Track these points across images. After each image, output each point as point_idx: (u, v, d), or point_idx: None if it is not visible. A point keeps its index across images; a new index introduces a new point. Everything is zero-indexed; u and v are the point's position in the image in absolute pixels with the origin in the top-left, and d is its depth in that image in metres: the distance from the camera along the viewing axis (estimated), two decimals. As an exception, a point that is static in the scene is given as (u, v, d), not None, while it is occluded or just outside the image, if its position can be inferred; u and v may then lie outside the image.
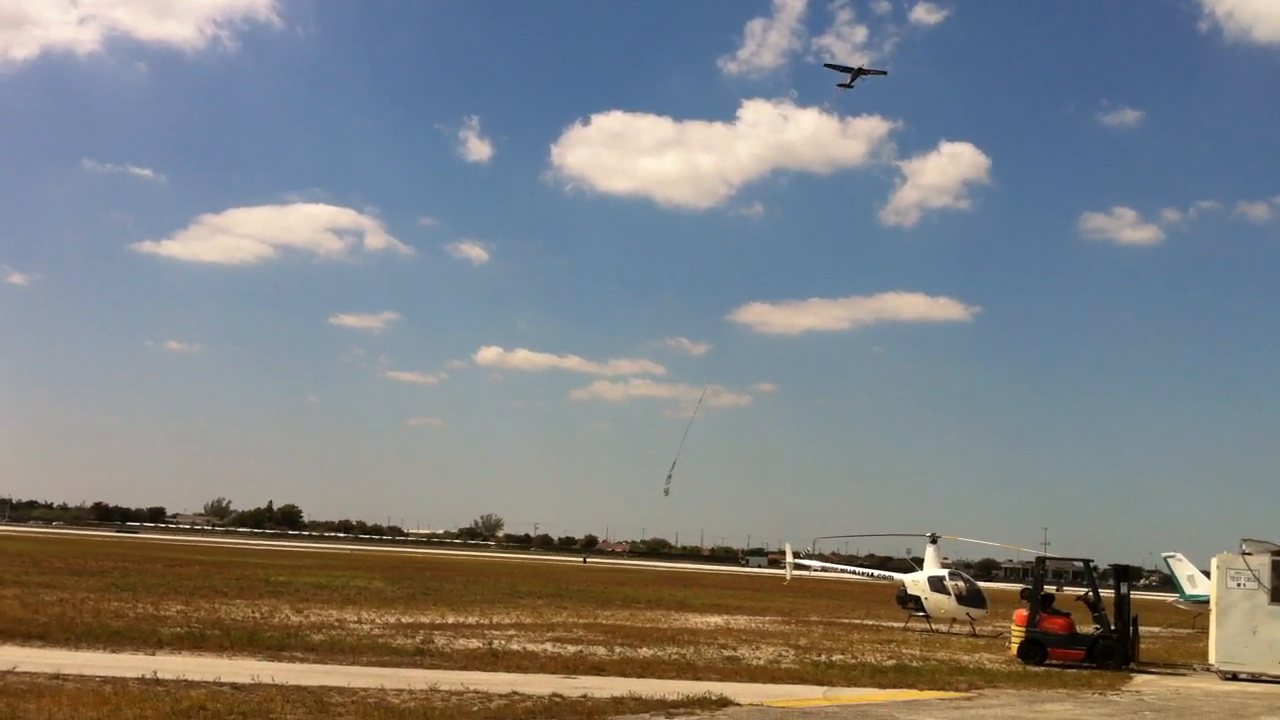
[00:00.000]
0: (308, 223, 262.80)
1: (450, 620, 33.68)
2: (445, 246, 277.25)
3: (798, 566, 54.43)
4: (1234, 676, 27.52)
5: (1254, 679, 27.29)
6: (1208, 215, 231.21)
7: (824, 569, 56.66)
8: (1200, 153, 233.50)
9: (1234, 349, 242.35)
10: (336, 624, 29.65)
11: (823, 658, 27.72)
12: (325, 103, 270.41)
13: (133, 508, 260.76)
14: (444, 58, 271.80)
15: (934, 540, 43.96)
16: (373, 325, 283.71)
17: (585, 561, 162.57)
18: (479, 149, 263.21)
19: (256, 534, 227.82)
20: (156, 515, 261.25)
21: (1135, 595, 33.66)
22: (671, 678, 20.50)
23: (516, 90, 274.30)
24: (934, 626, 42.81)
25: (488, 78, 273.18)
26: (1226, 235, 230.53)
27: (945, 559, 45.01)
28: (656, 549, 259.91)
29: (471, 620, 34.19)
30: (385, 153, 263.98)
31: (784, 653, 28.69)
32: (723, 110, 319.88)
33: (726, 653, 27.39)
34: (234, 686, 15.74)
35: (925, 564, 43.49)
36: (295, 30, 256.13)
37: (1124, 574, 31.28)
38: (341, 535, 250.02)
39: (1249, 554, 27.83)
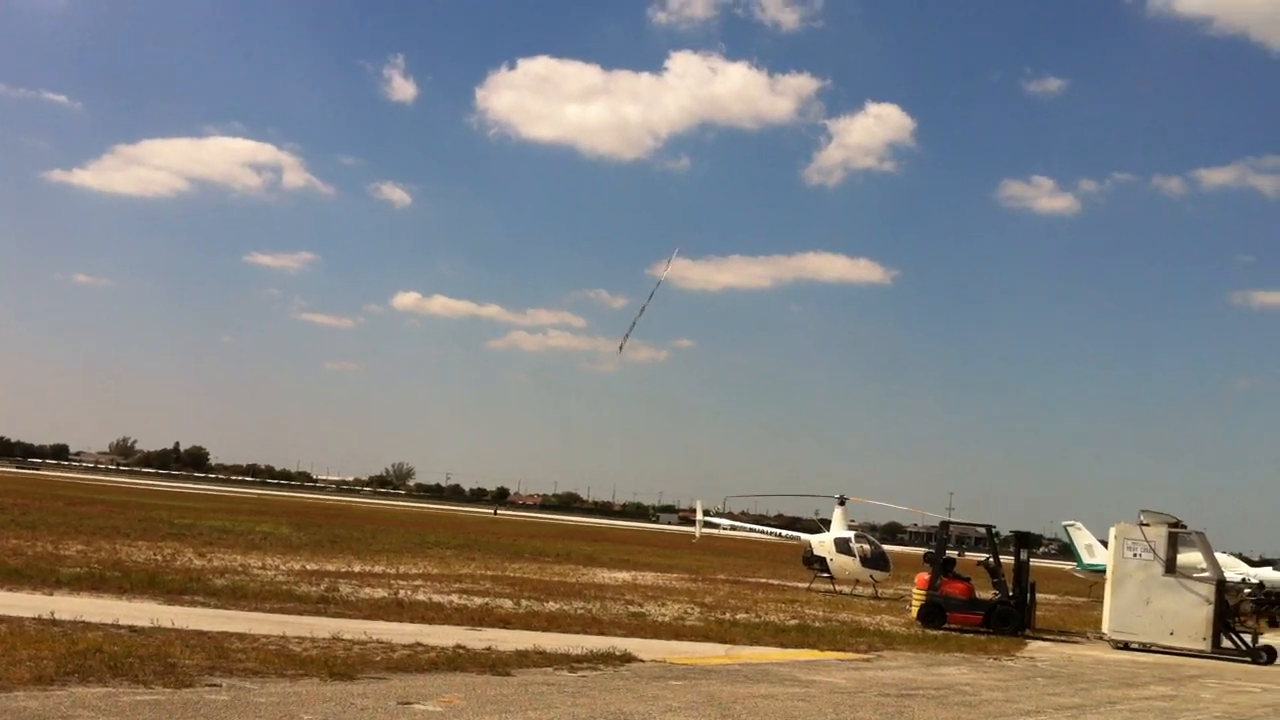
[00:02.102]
0: (225, 157, 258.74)
1: (356, 569, 33.49)
2: (366, 187, 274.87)
3: (707, 524, 54.89)
4: (1125, 646, 28.28)
5: (1144, 649, 28.08)
6: (1123, 187, 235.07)
7: (733, 527, 57.25)
8: (1119, 124, 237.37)
9: (1144, 321, 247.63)
10: (240, 569, 29.34)
11: (727, 616, 27.99)
12: (247, 33, 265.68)
13: (35, 443, 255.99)
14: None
15: (842, 502, 44.52)
16: (289, 265, 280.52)
17: (496, 513, 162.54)
18: (403, 88, 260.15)
19: (162, 475, 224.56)
20: (59, 452, 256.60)
21: (1035, 563, 34.39)
22: (577, 632, 20.57)
23: (442, 30, 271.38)
24: (838, 588, 43.44)
25: (414, 15, 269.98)
26: (1141, 208, 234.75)
27: (852, 521, 45.61)
28: (568, 503, 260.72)
29: (378, 569, 34.03)
30: (307, 88, 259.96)
31: (689, 610, 28.93)
32: (651, 60, 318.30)
33: (632, 609, 27.54)
34: (132, 629, 15.51)
35: (832, 525, 44.03)
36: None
37: (1024, 541, 31.92)
38: (249, 479, 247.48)
39: (1146, 525, 28.54)
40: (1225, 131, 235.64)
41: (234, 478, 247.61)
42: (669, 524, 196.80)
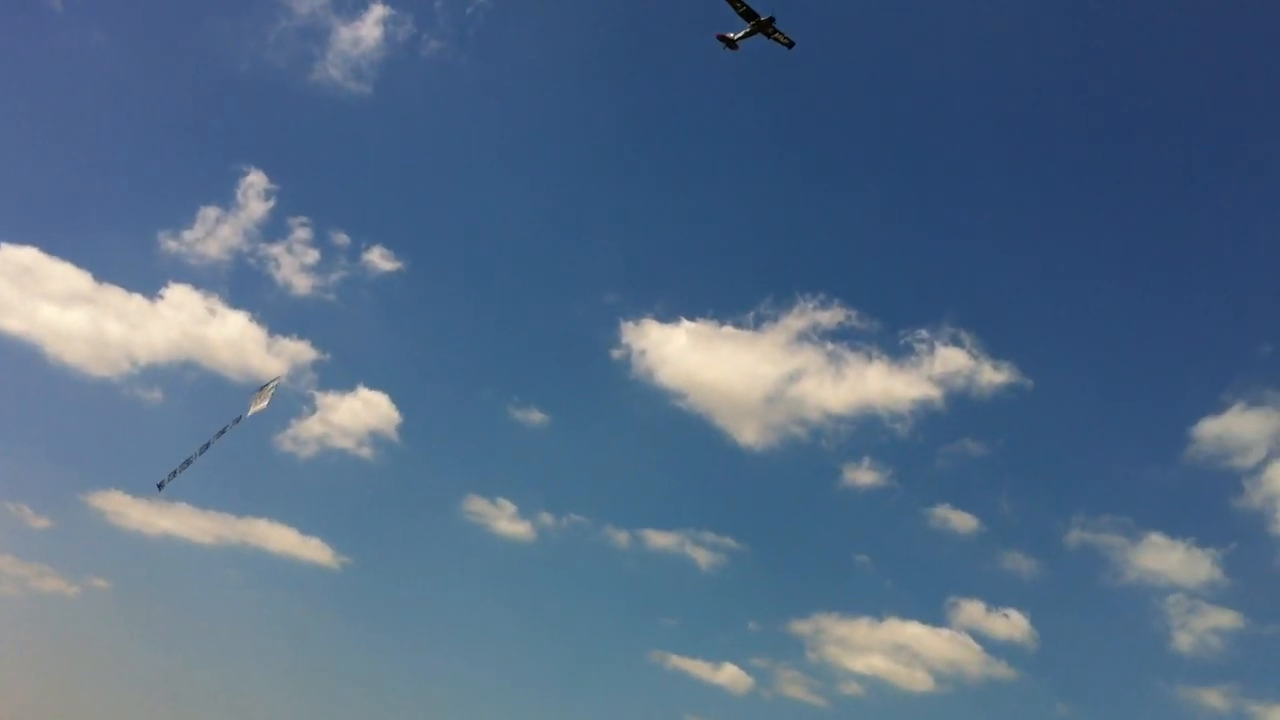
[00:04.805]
0: None
1: None
2: None
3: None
4: None
5: None
6: (578, 528, 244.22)
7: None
8: (586, 469, 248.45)
9: (573, 665, 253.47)
10: None
11: None
12: None
13: None
14: None
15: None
16: None
17: None
18: None
19: None
20: None
21: None
22: None
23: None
24: None
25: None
26: (591, 552, 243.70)
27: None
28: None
29: None
30: None
31: None
32: (149, 284, 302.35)
33: None
34: None
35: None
36: None
37: None
38: None
39: None
40: (676, 499, 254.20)
41: None
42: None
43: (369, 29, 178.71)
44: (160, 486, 51.33)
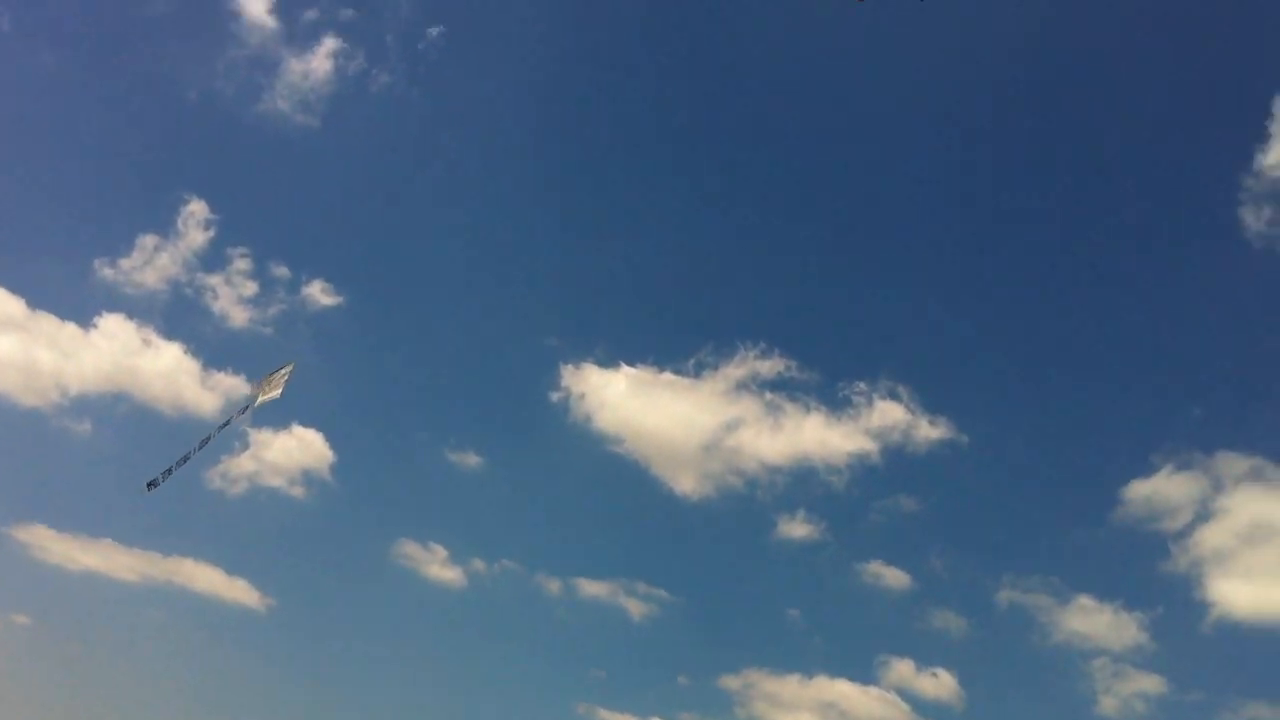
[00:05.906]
0: None
1: None
2: None
3: None
4: None
5: None
6: (510, 574, 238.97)
7: None
8: (512, 514, 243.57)
9: (512, 710, 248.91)
10: None
11: None
12: None
13: None
14: None
15: None
16: None
17: None
18: None
19: None
20: None
21: None
22: None
23: None
24: None
25: None
26: (523, 601, 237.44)
27: None
28: None
29: None
30: None
31: None
32: (82, 312, 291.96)
33: None
34: None
35: None
36: None
37: None
38: None
39: None
40: (610, 547, 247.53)
41: None
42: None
43: (320, 61, 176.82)
44: (151, 486, 47.71)
